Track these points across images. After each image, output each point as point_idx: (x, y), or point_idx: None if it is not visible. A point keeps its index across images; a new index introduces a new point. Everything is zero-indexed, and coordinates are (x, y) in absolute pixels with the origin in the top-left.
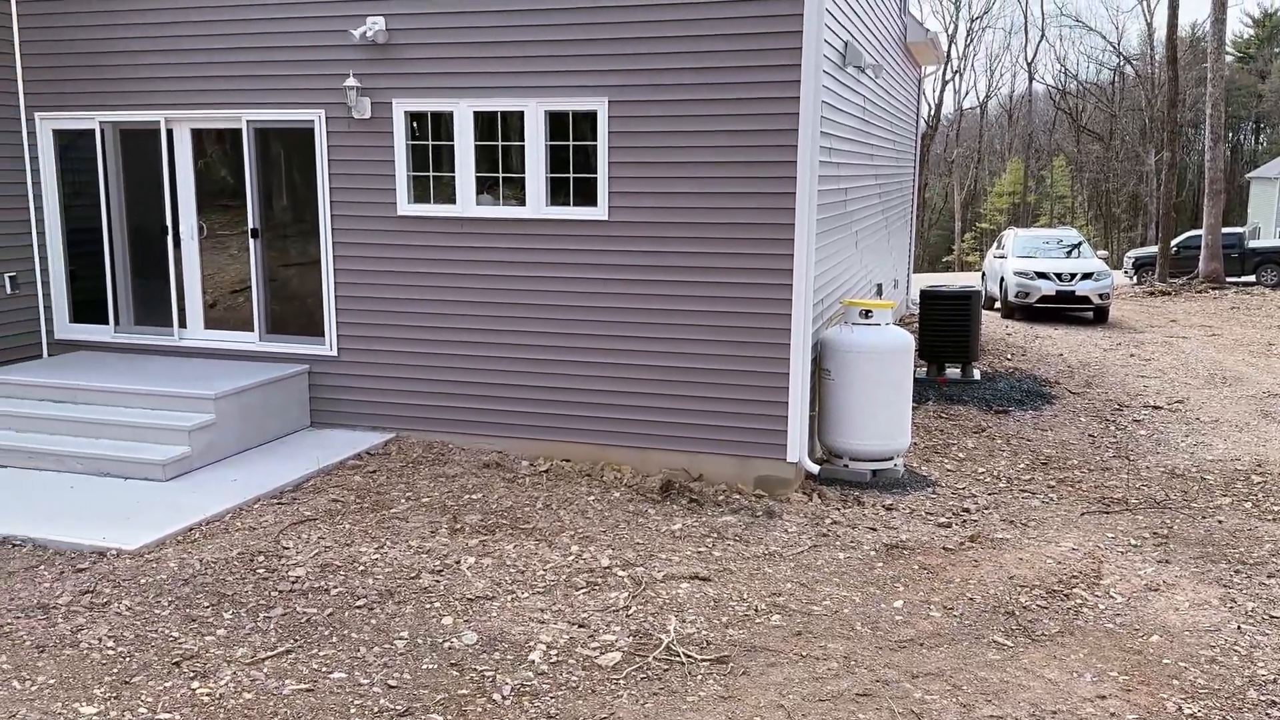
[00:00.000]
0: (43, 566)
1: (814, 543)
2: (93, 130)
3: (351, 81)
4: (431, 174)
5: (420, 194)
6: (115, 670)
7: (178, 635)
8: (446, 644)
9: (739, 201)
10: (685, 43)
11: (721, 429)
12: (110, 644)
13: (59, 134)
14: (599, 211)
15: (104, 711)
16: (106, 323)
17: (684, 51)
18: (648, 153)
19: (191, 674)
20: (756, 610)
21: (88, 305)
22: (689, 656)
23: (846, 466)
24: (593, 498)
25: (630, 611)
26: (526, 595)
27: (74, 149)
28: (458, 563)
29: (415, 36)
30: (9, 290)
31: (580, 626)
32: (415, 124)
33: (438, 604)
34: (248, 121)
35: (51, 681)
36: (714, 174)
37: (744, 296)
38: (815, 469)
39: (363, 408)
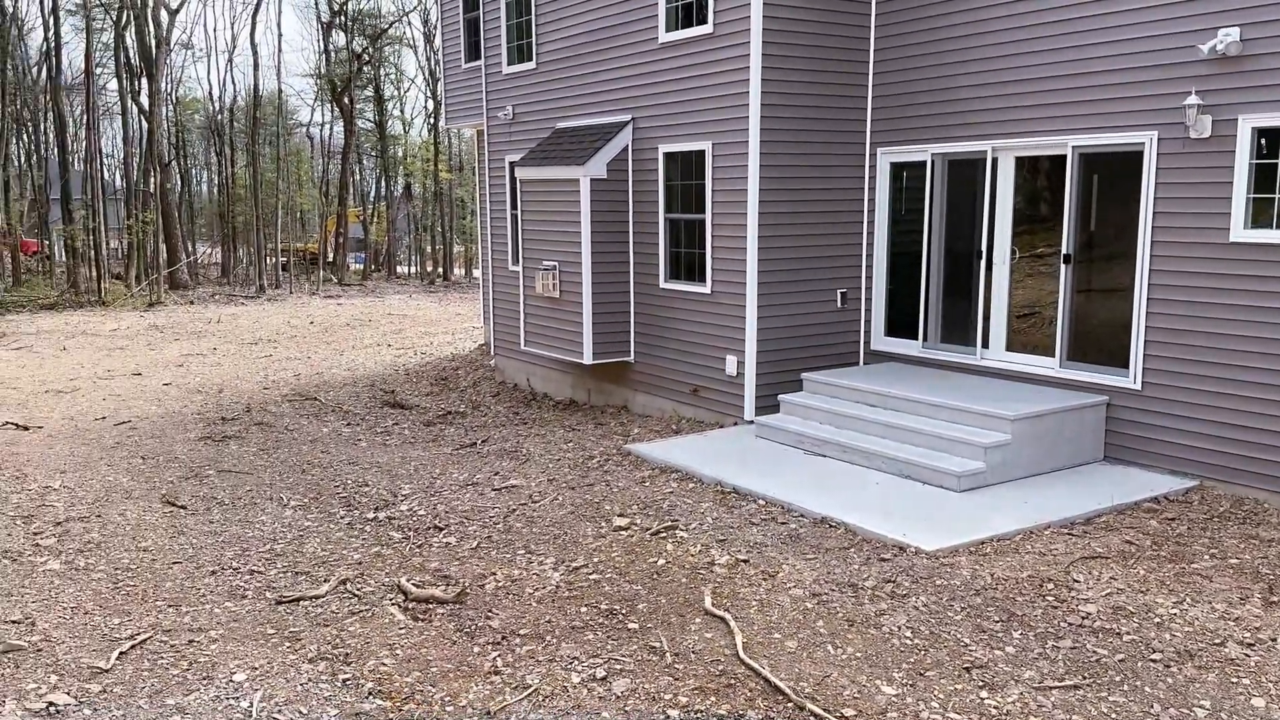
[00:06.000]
0: (853, 550)
1: None
2: (923, 162)
3: (1192, 99)
4: (1278, 196)
5: (1260, 218)
6: (911, 660)
7: (968, 642)
8: None
9: None
10: None
11: None
12: (907, 634)
13: (894, 166)
14: None
15: (901, 696)
16: (915, 338)
17: None
18: None
19: (980, 683)
20: None
21: (900, 321)
22: None
23: None
24: None
25: None
26: None
27: (904, 179)
28: (1274, 639)
29: (1276, 45)
30: (839, 305)
31: None
32: (1263, 141)
33: (1246, 680)
34: (1073, 147)
35: (857, 655)
36: None
37: None
38: None
39: (1163, 448)
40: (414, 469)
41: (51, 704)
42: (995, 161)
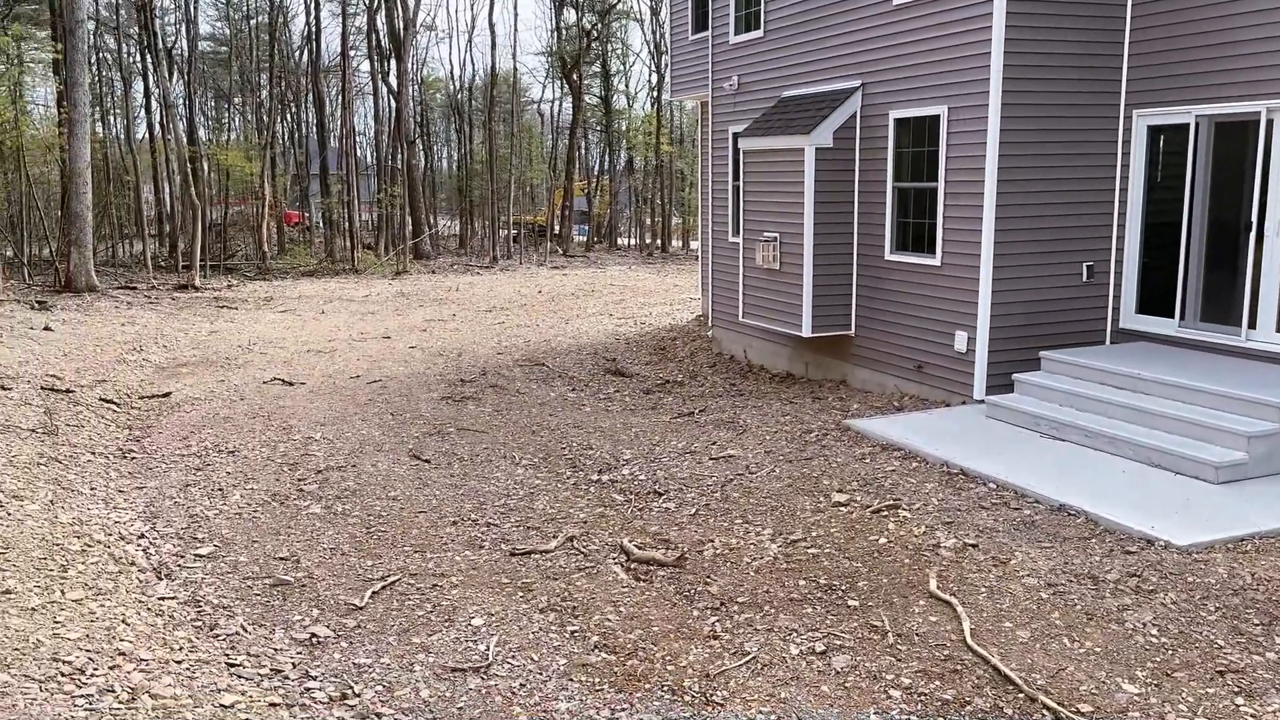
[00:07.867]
0: (1094, 540)
1: None
2: (1186, 125)
3: None
4: None
5: None
6: (1157, 659)
7: (1222, 645)
8: None
9: None
10: None
11: None
12: (1153, 632)
13: (1152, 129)
14: None
15: (1144, 695)
16: (1171, 316)
17: None
18: None
19: (1235, 689)
20: None
21: (1154, 297)
22: None
23: None
24: None
25: None
26: None
27: (1161, 143)
28: None
29: None
30: (1085, 278)
31: None
32: None
33: None
34: None
35: (1096, 650)
36: None
37: None
38: None
39: None
40: (634, 435)
41: (314, 635)
42: (1270, 123)
